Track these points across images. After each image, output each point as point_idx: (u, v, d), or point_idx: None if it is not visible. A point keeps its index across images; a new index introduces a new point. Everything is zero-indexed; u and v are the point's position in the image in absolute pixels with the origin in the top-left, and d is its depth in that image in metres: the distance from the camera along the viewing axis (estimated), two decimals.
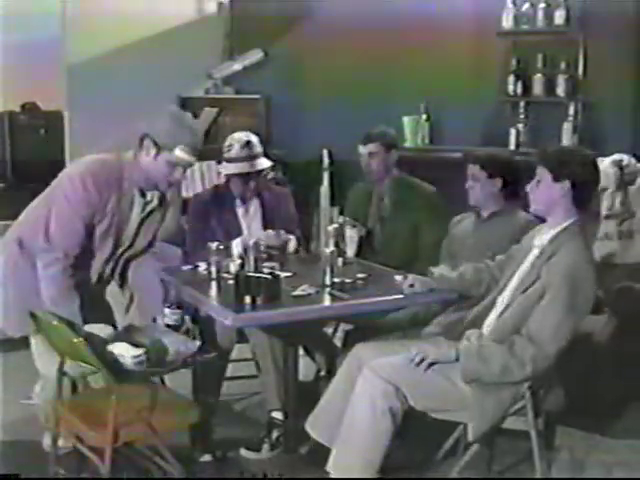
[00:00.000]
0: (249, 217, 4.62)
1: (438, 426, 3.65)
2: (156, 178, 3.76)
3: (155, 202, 3.87)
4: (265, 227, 4.59)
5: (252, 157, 4.51)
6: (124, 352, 3.33)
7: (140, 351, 3.32)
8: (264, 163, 4.57)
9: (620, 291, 4.46)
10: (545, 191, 3.43)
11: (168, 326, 3.65)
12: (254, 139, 4.56)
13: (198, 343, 3.52)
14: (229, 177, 4.59)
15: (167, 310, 3.68)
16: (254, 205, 4.63)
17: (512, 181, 4.18)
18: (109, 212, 3.71)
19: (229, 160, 4.53)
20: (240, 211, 4.62)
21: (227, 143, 4.56)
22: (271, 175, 4.76)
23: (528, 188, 3.49)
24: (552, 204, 3.43)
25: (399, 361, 3.48)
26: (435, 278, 3.86)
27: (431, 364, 3.41)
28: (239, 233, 4.48)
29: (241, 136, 4.57)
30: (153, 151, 3.68)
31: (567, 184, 3.37)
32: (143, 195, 3.82)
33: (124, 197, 3.73)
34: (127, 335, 3.41)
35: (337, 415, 3.51)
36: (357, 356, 3.69)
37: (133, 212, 3.82)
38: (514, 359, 3.27)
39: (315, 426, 3.71)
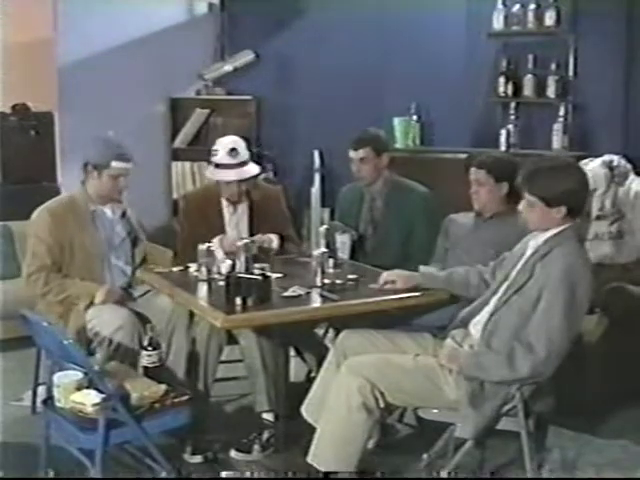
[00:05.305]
0: (237, 217, 4.61)
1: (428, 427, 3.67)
2: (107, 192, 4.32)
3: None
4: (252, 227, 4.59)
5: (239, 164, 4.47)
6: (84, 400, 3.31)
7: (98, 399, 3.28)
8: (251, 170, 4.53)
9: (611, 291, 4.47)
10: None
11: (145, 368, 3.65)
12: (241, 145, 4.51)
13: (164, 387, 3.49)
14: (216, 181, 4.57)
15: (144, 352, 3.67)
16: (242, 205, 4.62)
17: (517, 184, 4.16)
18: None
19: (216, 165, 4.50)
20: (228, 211, 4.61)
21: (214, 147, 4.52)
22: (263, 175, 4.72)
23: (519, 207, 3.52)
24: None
25: (376, 360, 3.52)
26: (422, 274, 3.86)
27: None
28: (224, 233, 4.48)
29: (227, 141, 4.52)
30: (95, 173, 4.27)
31: None
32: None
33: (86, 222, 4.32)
34: (96, 380, 3.35)
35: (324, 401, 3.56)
36: (343, 345, 3.74)
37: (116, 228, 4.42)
38: (513, 372, 3.29)
39: (308, 410, 3.75)
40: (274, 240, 4.53)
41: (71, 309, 4.17)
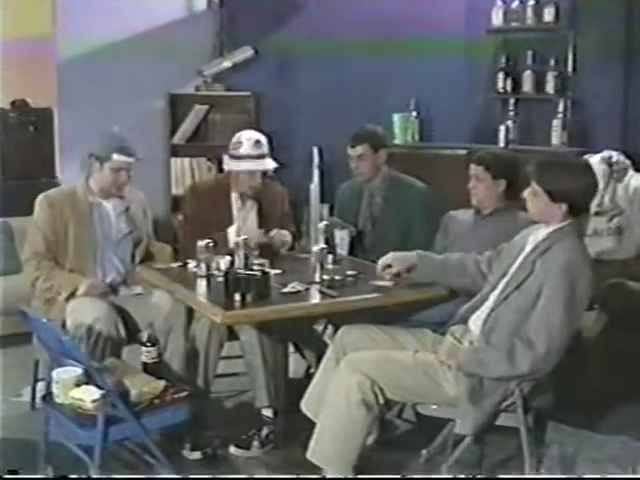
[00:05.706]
0: (245, 212, 4.61)
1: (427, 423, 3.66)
2: (107, 186, 4.31)
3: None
4: (260, 223, 4.60)
5: (261, 156, 4.51)
6: (84, 396, 3.31)
7: (98, 395, 3.28)
8: (271, 163, 4.57)
9: (610, 287, 4.46)
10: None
11: (145, 364, 3.66)
12: (263, 138, 4.55)
13: (163, 383, 3.49)
14: (235, 174, 4.56)
15: (143, 348, 3.67)
16: (251, 201, 4.63)
17: (515, 182, 4.16)
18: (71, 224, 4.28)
19: (237, 157, 4.51)
20: (236, 205, 4.61)
21: (235, 140, 4.54)
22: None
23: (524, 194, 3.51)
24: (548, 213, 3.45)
25: (376, 356, 3.52)
26: (417, 254, 3.84)
27: None
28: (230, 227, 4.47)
29: (251, 134, 4.57)
30: (97, 164, 4.27)
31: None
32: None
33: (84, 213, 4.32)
34: (96, 376, 3.34)
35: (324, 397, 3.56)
36: (342, 340, 3.74)
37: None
38: (513, 369, 3.30)
39: (308, 405, 3.75)
40: (288, 236, 4.56)
41: (55, 299, 4.17)
